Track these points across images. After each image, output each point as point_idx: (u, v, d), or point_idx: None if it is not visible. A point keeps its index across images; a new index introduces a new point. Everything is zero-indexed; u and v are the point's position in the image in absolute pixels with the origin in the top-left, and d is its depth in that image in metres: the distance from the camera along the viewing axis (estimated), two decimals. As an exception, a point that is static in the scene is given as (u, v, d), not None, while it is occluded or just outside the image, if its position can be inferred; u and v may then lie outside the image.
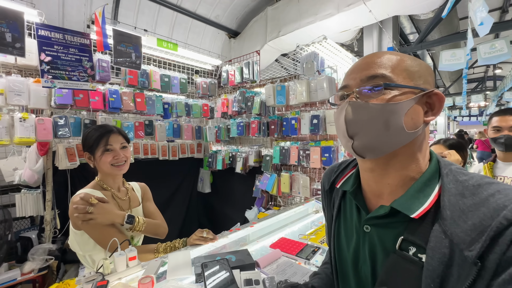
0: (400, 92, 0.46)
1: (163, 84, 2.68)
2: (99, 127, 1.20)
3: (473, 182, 0.42)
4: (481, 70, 8.21)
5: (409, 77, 0.47)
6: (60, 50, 1.88)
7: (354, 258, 0.55)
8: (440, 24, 3.23)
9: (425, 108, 0.48)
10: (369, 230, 0.51)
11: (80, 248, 1.12)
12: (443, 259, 0.39)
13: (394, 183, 0.49)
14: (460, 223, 0.39)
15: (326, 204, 0.67)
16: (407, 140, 0.47)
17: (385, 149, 0.47)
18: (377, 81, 0.46)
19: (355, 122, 0.48)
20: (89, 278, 0.81)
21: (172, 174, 3.14)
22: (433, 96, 0.48)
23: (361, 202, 0.55)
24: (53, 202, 2.17)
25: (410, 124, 0.46)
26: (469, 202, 0.40)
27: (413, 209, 0.44)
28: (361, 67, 0.50)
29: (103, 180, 1.21)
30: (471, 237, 0.37)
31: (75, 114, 2.24)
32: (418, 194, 0.46)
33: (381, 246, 0.49)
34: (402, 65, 0.47)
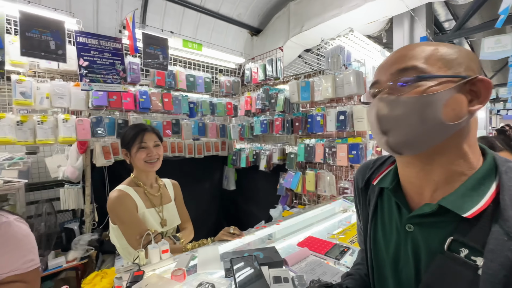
0: (436, 82, 0.43)
1: (189, 84, 2.76)
2: (135, 125, 1.27)
3: None
4: (530, 57, 7.35)
5: (446, 66, 0.44)
6: (96, 55, 2.02)
7: (394, 259, 0.52)
8: (481, 9, 2.95)
9: (469, 97, 0.44)
10: (412, 229, 0.48)
11: (118, 242, 1.20)
12: (506, 262, 0.36)
13: (441, 180, 0.46)
14: None
15: (361, 203, 0.63)
16: (449, 132, 0.44)
17: (424, 144, 0.44)
18: (408, 73, 0.44)
19: (386, 118, 0.46)
20: (127, 268, 0.86)
21: (198, 172, 3.23)
22: (478, 83, 0.44)
23: (402, 200, 0.51)
24: (92, 197, 2.35)
25: (451, 116, 0.42)
26: None
27: (466, 208, 0.41)
28: (391, 61, 0.48)
29: (137, 176, 1.28)
30: None
31: (109, 114, 2.39)
32: (472, 193, 0.42)
33: (426, 247, 0.46)
34: (437, 54, 0.45)
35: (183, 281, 0.84)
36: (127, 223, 1.15)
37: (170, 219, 1.34)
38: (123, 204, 1.14)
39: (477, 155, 0.46)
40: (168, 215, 1.33)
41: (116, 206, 1.13)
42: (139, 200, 1.23)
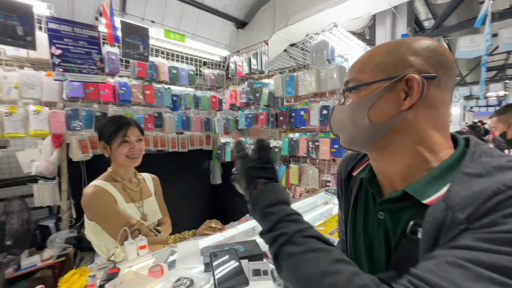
0: (366, 89, 0.48)
1: (172, 76, 2.68)
2: (117, 118, 1.22)
3: (495, 164, 0.39)
4: (501, 57, 7.78)
5: (380, 71, 0.47)
6: (70, 43, 1.90)
7: (369, 247, 0.55)
8: (458, 9, 3.06)
9: (403, 95, 0.44)
10: (383, 217, 0.51)
11: (95, 238, 1.16)
12: (435, 221, 0.39)
13: (400, 171, 0.49)
14: (462, 192, 0.38)
15: (343, 194, 0.66)
16: (382, 130, 0.47)
17: (363, 142, 0.50)
18: (350, 84, 0.52)
19: (333, 123, 0.57)
20: (101, 265, 0.83)
21: (182, 166, 3.18)
22: (410, 81, 0.43)
23: (375, 189, 0.54)
24: (69, 193, 2.25)
25: (379, 116, 0.47)
26: (481, 180, 0.38)
27: (426, 195, 0.43)
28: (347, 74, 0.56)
29: (115, 171, 1.23)
30: (467, 202, 0.36)
31: (86, 107, 2.28)
32: (435, 181, 0.44)
33: (394, 232, 0.48)
34: (373, 62, 0.48)
35: (160, 277, 0.82)
36: (108, 219, 1.11)
37: (150, 213, 1.31)
38: (100, 200, 1.10)
39: (439, 149, 0.46)
40: (148, 209, 1.30)
41: (92, 202, 1.09)
42: (118, 195, 1.19)
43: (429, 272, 0.34)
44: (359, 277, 0.37)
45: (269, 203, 0.51)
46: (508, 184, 0.34)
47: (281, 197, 0.53)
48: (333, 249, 0.42)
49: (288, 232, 0.45)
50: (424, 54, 0.45)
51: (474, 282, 0.31)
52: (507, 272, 0.30)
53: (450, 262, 0.33)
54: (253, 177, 0.57)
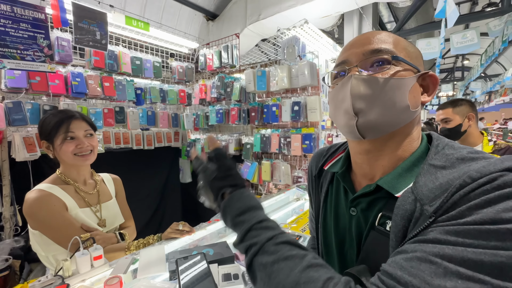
0: (403, 68, 0.45)
1: (134, 68, 2.48)
2: (58, 112, 1.06)
3: (458, 155, 0.41)
4: (451, 61, 8.65)
5: (408, 56, 0.47)
6: (9, 24, 1.64)
7: (340, 242, 0.54)
8: (416, 13, 3.29)
9: (421, 89, 0.48)
10: (355, 213, 0.50)
11: (42, 249, 1.01)
12: (405, 214, 0.39)
13: (388, 165, 0.48)
14: (429, 184, 0.39)
15: (314, 189, 0.65)
16: (409, 119, 0.46)
17: (388, 127, 0.45)
18: (382, 54, 0.45)
19: (362, 97, 0.44)
20: (45, 282, 0.72)
21: (148, 164, 2.98)
22: (428, 78, 0.48)
23: (349, 184, 0.53)
24: (12, 198, 1.97)
25: (413, 102, 0.45)
26: (446, 172, 0.39)
27: (398, 188, 0.43)
28: (361, 41, 0.48)
29: (65, 173, 1.08)
30: (435, 194, 0.37)
31: (32, 99, 2.00)
32: (406, 174, 0.45)
33: (366, 226, 0.48)
34: (402, 44, 0.47)
35: (118, 290, 0.74)
36: (54, 228, 0.97)
37: (110, 218, 1.18)
38: (44, 206, 0.95)
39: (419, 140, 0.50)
40: (107, 214, 1.17)
41: (35, 209, 0.94)
42: (69, 199, 1.04)
43: (400, 269, 0.33)
44: (332, 283, 0.35)
45: (238, 212, 0.47)
46: (473, 176, 0.35)
47: (250, 203, 0.48)
48: (305, 253, 0.40)
49: (258, 241, 0.42)
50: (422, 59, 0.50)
51: (443, 278, 0.30)
52: (473, 265, 0.30)
53: (419, 258, 0.33)
54: (218, 187, 0.52)
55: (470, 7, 4.61)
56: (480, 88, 7.74)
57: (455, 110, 1.54)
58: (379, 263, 0.41)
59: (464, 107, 1.54)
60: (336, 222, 0.55)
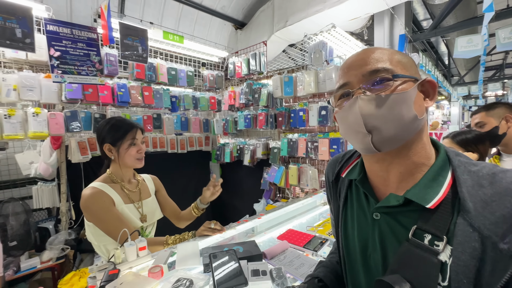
0: (403, 81, 0.47)
1: (170, 77, 2.69)
2: (122, 121, 1.23)
3: (486, 171, 0.41)
4: (499, 57, 7.81)
5: (404, 68, 0.49)
6: (69, 45, 1.91)
7: (363, 247, 0.54)
8: (456, 9, 3.07)
9: (422, 96, 0.50)
10: (379, 217, 0.51)
11: (95, 239, 1.16)
12: (474, 253, 0.38)
13: (406, 171, 0.49)
14: (486, 214, 0.38)
15: (332, 195, 0.66)
16: (419, 126, 0.48)
17: (403, 138, 0.47)
18: (382, 73, 0.47)
19: (372, 115, 0.46)
20: (101, 267, 0.84)
21: (181, 167, 3.18)
22: (426, 84, 0.50)
23: (369, 190, 0.54)
24: (68, 194, 2.25)
25: (419, 110, 0.47)
26: (490, 191, 0.39)
27: (428, 199, 0.44)
28: (358, 63, 0.50)
29: (114, 173, 1.24)
30: (503, 229, 0.36)
31: (85, 108, 2.28)
32: (432, 183, 0.45)
33: (392, 234, 0.49)
34: (396, 58, 0.49)
35: (160, 278, 0.83)
36: (105, 221, 1.11)
37: (150, 214, 1.31)
38: (97, 201, 1.10)
39: (431, 147, 0.51)
40: (147, 210, 1.31)
41: (90, 204, 1.09)
42: (116, 196, 1.19)
43: None
44: None
45: None
46: None
47: None
48: None
49: None
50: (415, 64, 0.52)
51: None
52: None
53: None
54: None
55: (521, -3, 4.16)
56: (537, 86, 6.86)
57: (488, 113, 1.46)
58: (414, 275, 0.42)
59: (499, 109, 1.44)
60: (359, 226, 0.56)
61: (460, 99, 9.33)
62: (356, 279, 0.58)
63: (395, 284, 0.41)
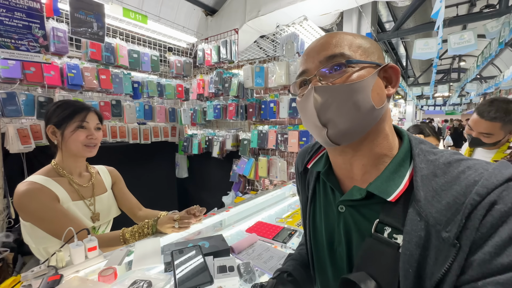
0: (361, 68, 0.44)
1: (132, 61, 2.45)
2: (74, 101, 1.07)
3: (443, 160, 0.41)
4: (447, 62, 8.71)
5: (365, 53, 0.46)
6: (3, 13, 1.60)
7: (329, 240, 0.53)
8: (415, 13, 3.30)
9: (384, 83, 0.47)
10: (344, 210, 0.49)
11: (33, 241, 1.00)
12: (419, 242, 0.38)
13: (369, 163, 0.47)
14: (434, 203, 0.37)
15: (301, 186, 0.64)
16: (378, 116, 0.45)
17: (360, 131, 0.45)
18: (337, 59, 0.44)
19: (326, 108, 0.44)
20: (38, 272, 0.71)
21: (144, 159, 2.97)
22: (389, 70, 0.47)
23: (334, 183, 0.52)
24: (5, 190, 1.94)
25: (377, 100, 0.44)
26: (441, 181, 0.38)
27: (390, 192, 0.43)
28: (316, 49, 0.47)
29: (60, 164, 1.07)
30: (446, 217, 0.36)
31: (27, 90, 1.97)
32: (393, 176, 0.44)
33: (356, 227, 0.48)
34: (356, 42, 0.46)
35: (113, 281, 0.73)
36: (48, 219, 0.95)
37: (104, 212, 1.17)
38: (34, 199, 0.93)
39: (395, 137, 0.49)
40: (101, 207, 1.16)
41: (25, 202, 0.92)
42: (62, 192, 1.03)
43: None
44: None
45: None
46: (480, 193, 0.34)
47: None
48: None
49: None
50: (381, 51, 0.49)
51: None
52: None
53: None
54: None
55: (468, 8, 4.64)
56: (476, 89, 7.82)
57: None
58: (378, 271, 0.41)
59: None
60: (325, 219, 0.55)
61: (414, 98, 10.26)
62: (323, 272, 0.57)
63: (360, 282, 0.40)
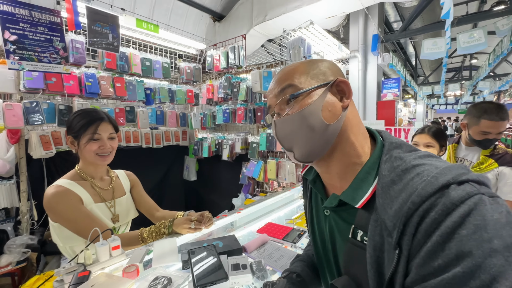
0: (308, 93, 0.49)
1: (144, 69, 2.55)
2: (89, 112, 1.12)
3: (402, 167, 0.42)
4: (458, 60, 8.51)
5: (312, 78, 0.50)
6: (27, 28, 1.72)
7: (321, 239, 0.59)
8: (423, 13, 3.28)
9: (339, 96, 0.51)
10: (328, 213, 0.55)
11: (61, 240, 1.08)
12: (376, 245, 0.41)
13: (341, 172, 0.51)
14: (387, 210, 0.40)
15: (303, 190, 0.70)
16: (337, 130, 0.49)
17: (323, 148, 0.49)
18: (287, 91, 0.50)
19: (285, 137, 0.52)
20: (69, 269, 0.78)
21: (156, 162, 3.06)
22: (340, 84, 0.51)
23: (319, 190, 0.58)
24: (29, 193, 2.06)
25: (329, 116, 0.48)
26: (397, 188, 0.40)
27: (357, 200, 0.46)
28: (272, 86, 0.54)
29: (83, 169, 1.15)
30: (393, 223, 0.38)
31: (48, 99, 2.09)
32: (362, 184, 0.47)
33: (338, 229, 0.53)
34: (301, 69, 0.51)
35: (136, 277, 0.79)
36: (74, 220, 1.03)
37: (123, 213, 1.25)
38: (62, 201, 1.02)
39: (365, 143, 0.51)
40: (120, 209, 1.24)
41: (54, 204, 1.01)
42: (85, 195, 1.11)
43: None
44: None
45: None
46: (415, 201, 0.36)
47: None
48: None
49: None
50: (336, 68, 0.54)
51: None
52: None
53: None
54: None
55: (479, 6, 4.56)
56: (489, 87, 7.61)
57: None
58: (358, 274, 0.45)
59: None
60: (318, 220, 0.60)
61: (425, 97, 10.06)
62: (321, 268, 0.63)
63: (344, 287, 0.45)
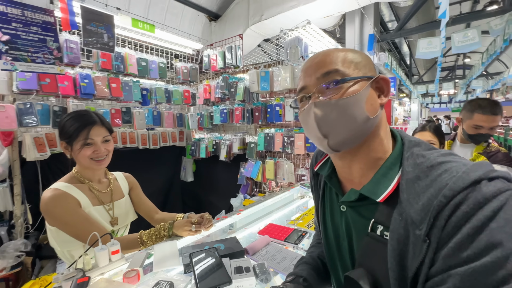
0: (354, 82, 0.49)
1: (140, 69, 2.52)
2: (80, 115, 1.08)
3: (427, 164, 0.44)
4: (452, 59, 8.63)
5: (357, 68, 0.50)
6: (20, 28, 1.68)
7: (335, 236, 0.59)
8: (418, 13, 3.31)
9: (377, 93, 0.52)
10: (345, 209, 0.55)
11: (58, 245, 1.06)
12: (400, 238, 0.42)
13: (365, 167, 0.52)
14: (413, 204, 0.41)
15: (314, 186, 0.69)
16: (374, 124, 0.50)
17: (358, 139, 0.49)
18: (332, 76, 0.49)
19: (325, 121, 0.49)
20: (68, 275, 0.76)
21: (153, 163, 3.03)
22: (380, 81, 0.51)
23: (335, 185, 0.58)
24: (23, 196, 2.02)
25: (371, 110, 0.49)
26: (423, 184, 0.42)
27: (378, 194, 0.47)
28: (313, 66, 0.52)
29: (80, 172, 1.13)
30: (421, 216, 0.40)
31: (42, 100, 2.05)
32: (383, 179, 0.48)
33: (355, 226, 0.53)
34: (349, 58, 0.50)
35: (137, 282, 0.78)
36: (72, 223, 1.01)
37: (122, 216, 1.23)
38: (59, 204, 0.99)
39: (389, 139, 0.53)
40: (119, 212, 1.22)
41: (51, 208, 0.98)
42: (83, 198, 1.08)
43: None
44: None
45: None
46: (446, 195, 0.38)
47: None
48: None
49: None
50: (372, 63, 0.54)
51: None
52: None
53: None
54: None
55: (472, 5, 4.62)
56: (482, 86, 7.72)
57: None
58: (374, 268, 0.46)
59: None
60: (332, 216, 0.60)
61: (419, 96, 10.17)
62: (333, 264, 0.63)
63: (359, 279, 0.45)
